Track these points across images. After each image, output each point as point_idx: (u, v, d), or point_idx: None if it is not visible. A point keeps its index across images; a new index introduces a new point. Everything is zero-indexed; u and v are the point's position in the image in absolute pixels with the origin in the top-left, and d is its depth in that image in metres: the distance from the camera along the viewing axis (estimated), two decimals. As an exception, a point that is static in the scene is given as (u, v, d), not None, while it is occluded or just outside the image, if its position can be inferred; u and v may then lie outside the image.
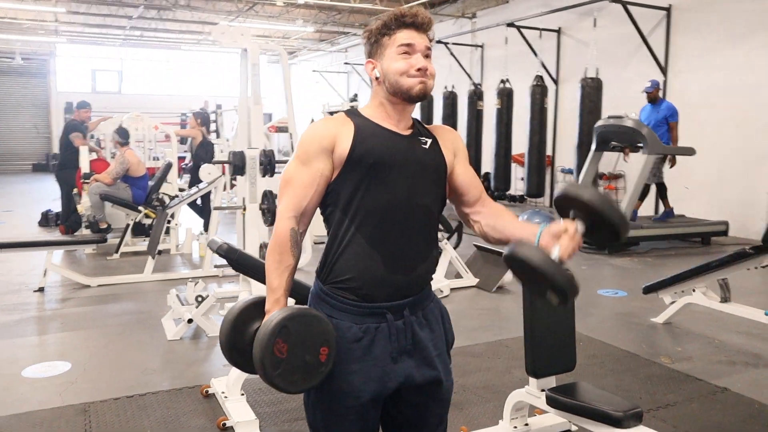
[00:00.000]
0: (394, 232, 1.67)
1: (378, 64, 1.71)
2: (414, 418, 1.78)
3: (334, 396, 1.67)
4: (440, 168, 1.75)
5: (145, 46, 22.86)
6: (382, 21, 1.70)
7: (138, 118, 8.43)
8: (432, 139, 1.77)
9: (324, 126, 1.71)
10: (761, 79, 8.37)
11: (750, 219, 8.52)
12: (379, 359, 1.67)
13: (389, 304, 1.67)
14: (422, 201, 1.71)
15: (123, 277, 6.12)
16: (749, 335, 4.60)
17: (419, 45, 1.68)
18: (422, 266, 1.72)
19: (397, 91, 1.68)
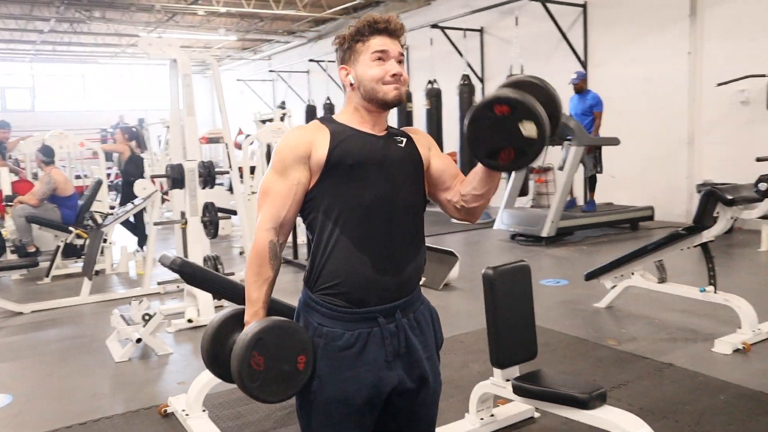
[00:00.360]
0: (379, 232, 1.66)
1: (352, 71, 1.72)
2: (406, 424, 1.78)
3: (328, 404, 1.66)
4: (417, 163, 1.77)
5: (58, 60, 21.98)
6: (355, 28, 1.71)
7: (62, 136, 8.08)
8: (407, 138, 1.79)
9: (298, 134, 1.71)
10: (672, 69, 8.83)
11: (673, 202, 8.96)
12: (372, 365, 1.66)
13: (380, 307, 1.67)
14: (404, 198, 1.71)
15: (58, 301, 5.85)
16: (687, 312, 4.84)
17: (393, 51, 1.70)
18: (411, 266, 1.72)
19: (373, 98, 1.69)
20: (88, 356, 4.49)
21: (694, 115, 8.74)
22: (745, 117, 8.20)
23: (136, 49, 19.28)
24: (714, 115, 8.54)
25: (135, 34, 16.77)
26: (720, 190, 4.26)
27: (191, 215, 5.25)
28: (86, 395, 3.77)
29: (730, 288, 4.58)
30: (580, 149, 7.81)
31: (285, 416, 3.32)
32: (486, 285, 2.77)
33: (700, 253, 4.54)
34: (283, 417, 3.32)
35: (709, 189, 4.31)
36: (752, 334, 4.13)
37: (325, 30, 16.77)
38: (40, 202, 6.84)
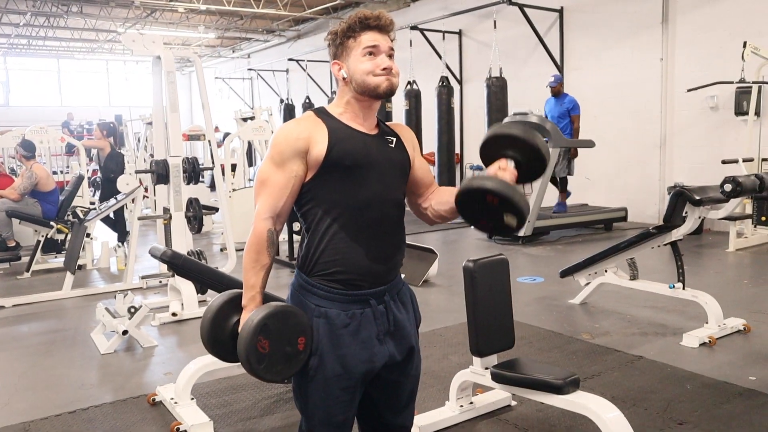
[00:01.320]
0: (373, 226, 1.78)
1: (344, 65, 1.80)
2: (389, 394, 1.91)
3: (328, 379, 1.77)
4: (405, 164, 1.90)
5: (33, 54, 21.70)
6: (347, 24, 1.79)
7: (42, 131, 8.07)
8: (396, 137, 1.89)
9: (297, 128, 1.77)
10: (645, 74, 9.08)
11: (645, 204, 9.22)
12: (366, 341, 1.79)
13: (372, 290, 1.80)
14: (394, 195, 1.85)
15: (40, 296, 5.87)
16: (656, 308, 5.03)
17: (383, 46, 1.78)
18: (398, 254, 1.87)
19: (365, 90, 1.77)
20: (73, 348, 4.54)
21: (666, 119, 9.00)
22: (714, 122, 8.47)
23: (114, 44, 19.17)
24: (685, 120, 8.81)
25: (113, 30, 16.70)
26: (688, 190, 4.45)
27: (175, 210, 5.32)
28: (74, 385, 3.84)
29: (698, 285, 4.79)
30: (557, 150, 8.00)
31: (271, 404, 3.43)
32: (466, 277, 2.91)
33: (670, 253, 4.73)
34: (270, 405, 3.42)
35: (678, 189, 4.50)
36: (718, 328, 4.32)
37: (305, 29, 16.84)
38: (21, 196, 6.84)
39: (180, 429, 3.10)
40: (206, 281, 3.43)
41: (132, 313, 4.39)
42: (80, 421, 3.31)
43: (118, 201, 6.60)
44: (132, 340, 4.52)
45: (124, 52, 20.48)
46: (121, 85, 23.93)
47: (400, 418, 1.96)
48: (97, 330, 4.70)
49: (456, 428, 3.12)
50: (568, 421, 3.10)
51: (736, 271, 6.48)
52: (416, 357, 1.93)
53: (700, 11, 8.48)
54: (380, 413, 1.94)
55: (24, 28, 16.29)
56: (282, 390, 3.58)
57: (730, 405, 3.29)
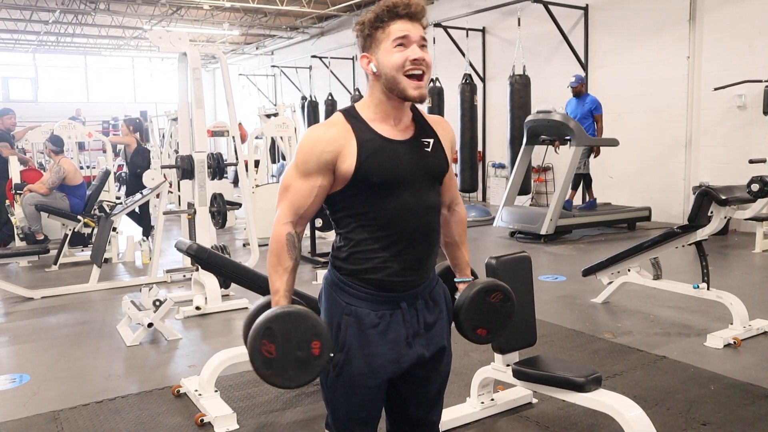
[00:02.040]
0: (407, 236, 1.74)
1: (373, 58, 1.70)
2: (418, 390, 1.90)
3: (354, 377, 1.77)
4: (443, 167, 1.83)
5: (61, 51, 22.05)
6: (374, 13, 1.68)
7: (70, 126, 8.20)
8: (434, 138, 1.80)
9: (325, 136, 1.70)
10: (671, 72, 8.98)
11: (669, 203, 9.12)
12: (394, 343, 1.77)
13: (404, 293, 1.78)
14: (429, 202, 1.78)
15: (67, 288, 5.99)
16: (680, 309, 4.99)
17: (414, 36, 1.67)
18: (432, 258, 1.83)
19: (394, 89, 1.68)
20: (100, 340, 4.62)
21: (692, 118, 8.89)
22: (741, 121, 8.35)
23: (140, 41, 19.40)
24: (711, 119, 8.69)
25: (139, 27, 16.90)
26: (714, 190, 4.41)
27: (200, 205, 5.38)
28: (100, 376, 3.91)
29: (723, 286, 4.74)
30: (580, 149, 7.96)
31: (294, 398, 3.47)
32: (489, 273, 2.91)
33: (694, 253, 4.69)
34: (292, 399, 3.46)
35: (704, 189, 4.46)
36: (743, 330, 4.27)
37: (329, 26, 16.90)
38: (49, 190, 6.96)
39: (204, 420, 3.15)
40: (230, 275, 3.48)
41: (157, 306, 4.47)
42: (107, 411, 3.38)
43: (144, 196, 6.70)
44: (157, 333, 4.59)
45: (150, 49, 20.72)
46: (147, 81, 24.22)
47: (428, 413, 1.95)
48: (123, 322, 4.79)
49: (477, 425, 3.13)
50: (590, 420, 3.10)
51: (763, 273, 6.39)
52: (447, 355, 1.91)
53: (727, 8, 8.36)
54: (408, 408, 1.93)
55: (53, 25, 16.55)
56: (304, 384, 3.62)
57: (754, 407, 3.26)
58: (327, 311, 1.82)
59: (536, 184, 10.95)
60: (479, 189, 11.93)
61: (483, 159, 12.24)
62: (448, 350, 1.92)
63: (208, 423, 3.15)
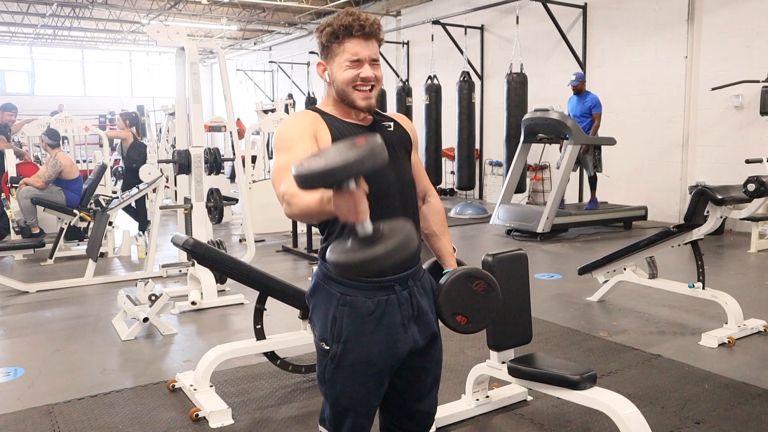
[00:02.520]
0: (391, 211, 1.78)
1: (328, 68, 1.82)
2: (414, 380, 1.93)
3: (353, 365, 1.79)
4: (408, 143, 1.95)
5: (58, 45, 21.97)
6: (332, 28, 1.78)
7: (66, 120, 8.18)
8: (393, 122, 1.93)
9: (300, 119, 1.82)
10: (669, 72, 8.99)
11: (666, 203, 9.15)
12: (391, 328, 1.80)
13: (396, 276, 1.81)
14: (405, 176, 1.88)
15: (63, 282, 5.97)
16: (675, 307, 5.01)
17: (366, 56, 1.78)
18: (418, 237, 1.86)
19: (344, 99, 1.81)
20: (95, 334, 4.62)
21: (690, 117, 8.90)
22: (738, 121, 8.37)
23: (137, 35, 19.34)
24: (709, 119, 8.71)
25: (137, 21, 16.85)
26: (710, 189, 4.42)
27: (196, 200, 5.38)
28: (95, 370, 3.91)
29: (718, 286, 4.75)
30: (576, 148, 7.96)
31: (289, 393, 3.47)
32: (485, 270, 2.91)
33: (690, 252, 4.70)
34: (287, 394, 3.46)
35: (700, 188, 4.47)
36: (738, 329, 4.29)
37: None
38: (45, 184, 6.95)
39: (199, 415, 3.15)
40: (226, 270, 3.48)
41: (153, 300, 4.46)
42: (102, 405, 3.37)
43: (140, 190, 6.68)
44: (152, 328, 4.59)
45: (147, 43, 20.67)
46: (144, 75, 24.16)
47: (424, 405, 1.98)
48: (118, 317, 4.78)
49: (472, 422, 3.14)
50: (585, 417, 3.11)
51: (758, 273, 6.41)
52: (438, 342, 1.95)
53: (726, 9, 8.37)
54: (404, 400, 1.95)
55: (50, 18, 16.49)
56: (300, 379, 3.62)
57: (748, 406, 3.27)
58: (320, 305, 1.84)
59: (533, 182, 10.96)
60: (476, 187, 11.94)
61: (480, 157, 12.25)
62: (439, 337, 1.95)
63: (203, 418, 3.15)
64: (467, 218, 9.92)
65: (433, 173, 11.63)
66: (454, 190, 12.58)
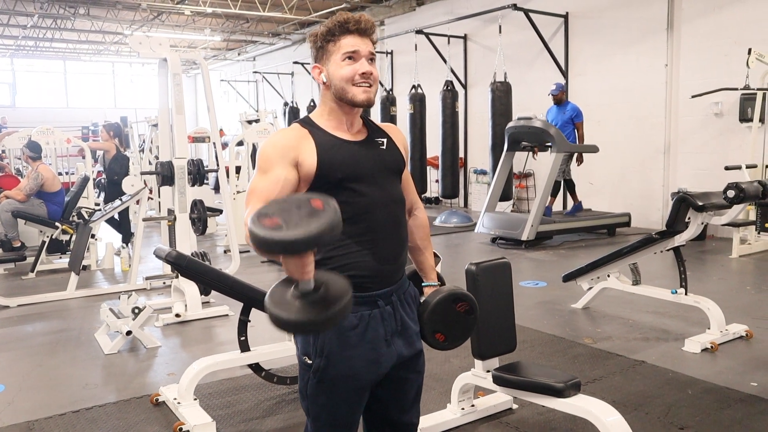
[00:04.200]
0: (378, 230, 1.78)
1: (324, 69, 1.79)
2: (397, 391, 1.91)
3: (335, 381, 1.77)
4: (399, 163, 1.90)
5: (40, 56, 21.80)
6: (327, 27, 1.77)
7: (48, 132, 8.11)
8: (386, 138, 1.89)
9: (283, 138, 1.77)
10: (650, 80, 9.09)
11: (649, 210, 9.22)
12: (374, 343, 1.79)
13: (380, 292, 1.80)
14: (393, 196, 1.85)
15: (45, 296, 5.91)
16: (658, 314, 5.04)
17: (363, 51, 1.76)
18: (403, 253, 1.88)
19: (343, 98, 1.76)
20: (77, 348, 4.57)
21: (671, 125, 9.00)
22: (718, 128, 8.47)
23: (120, 46, 19.26)
24: (689, 126, 8.81)
25: (119, 32, 16.76)
26: (691, 196, 4.46)
27: (180, 212, 5.35)
28: (77, 385, 3.86)
29: (700, 291, 4.79)
30: (560, 156, 8.02)
31: (274, 405, 3.45)
32: (469, 280, 2.92)
33: (673, 259, 4.74)
34: (272, 406, 3.44)
35: (681, 195, 4.51)
36: (720, 334, 4.33)
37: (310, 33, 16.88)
38: (27, 197, 6.87)
39: (183, 429, 3.12)
40: (210, 282, 3.46)
41: (136, 313, 4.42)
42: (84, 420, 3.33)
43: (123, 202, 6.64)
44: (136, 341, 4.54)
45: (130, 54, 20.57)
46: (127, 87, 24.03)
47: (408, 416, 1.96)
48: (101, 330, 4.73)
49: (457, 431, 3.13)
50: (569, 425, 3.11)
51: (739, 278, 6.47)
52: (422, 354, 1.95)
53: (705, 18, 8.48)
54: (388, 412, 1.93)
55: (31, 29, 16.37)
56: (285, 391, 3.60)
57: (731, 410, 3.30)
58: None
59: (517, 190, 11.01)
60: (461, 195, 11.98)
61: (464, 165, 12.29)
62: (423, 354, 1.95)
63: (187, 431, 3.12)
64: (452, 227, 9.95)
65: (417, 182, 11.64)
66: (438, 198, 12.60)
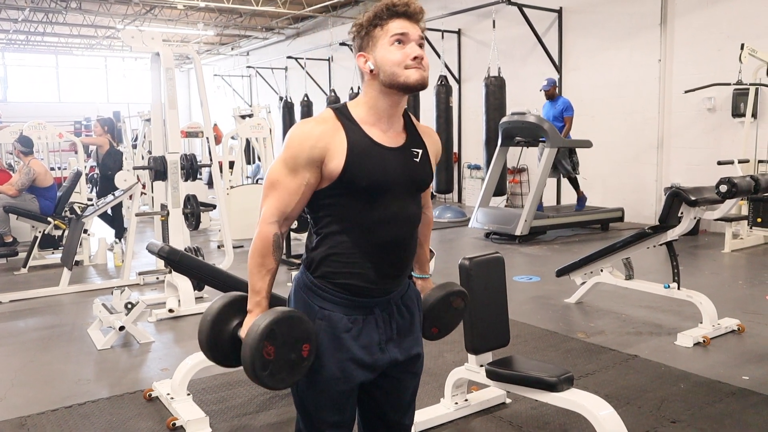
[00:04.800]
0: (386, 246, 1.73)
1: (371, 57, 1.67)
2: (394, 394, 1.89)
3: (327, 382, 1.75)
4: (428, 179, 1.82)
5: (31, 50, 21.67)
6: (373, 12, 1.67)
7: (40, 127, 8.06)
8: (422, 149, 1.79)
9: (315, 132, 1.66)
10: (643, 75, 9.11)
11: (642, 204, 9.25)
12: (367, 347, 1.75)
13: (378, 299, 1.77)
14: (411, 214, 1.78)
15: (37, 291, 5.88)
16: (651, 308, 5.06)
17: (413, 34, 1.66)
18: (408, 268, 1.83)
19: (394, 83, 1.65)
20: (70, 344, 4.55)
21: (663, 120, 9.02)
22: (711, 123, 8.50)
23: (113, 41, 19.16)
24: (682, 121, 8.83)
25: (112, 27, 16.69)
26: (684, 191, 4.47)
27: (173, 207, 5.33)
28: (70, 381, 3.85)
29: (693, 286, 4.82)
30: (553, 151, 8.03)
31: (267, 401, 3.44)
32: (462, 274, 2.92)
33: (665, 253, 4.75)
34: (265, 401, 3.44)
35: (674, 190, 4.52)
36: (712, 328, 4.34)
37: (304, 27, 16.85)
38: (18, 192, 6.83)
39: (176, 424, 3.12)
40: (203, 277, 3.45)
41: (129, 309, 4.40)
42: (76, 416, 3.32)
43: (116, 197, 6.61)
44: (129, 336, 4.53)
45: (122, 49, 20.46)
46: (119, 81, 23.92)
47: (403, 417, 1.94)
48: (94, 326, 4.71)
49: (451, 425, 3.14)
50: (562, 419, 3.12)
51: (732, 272, 6.50)
52: (421, 359, 1.91)
53: (698, 13, 8.50)
54: (384, 412, 1.91)
55: (22, 23, 16.27)
56: (278, 386, 3.59)
57: (722, 404, 3.31)
58: None
59: (511, 185, 11.02)
60: (455, 190, 11.98)
61: (458, 160, 12.29)
62: (421, 357, 1.91)
63: (180, 427, 3.11)
64: (446, 222, 9.95)
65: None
66: (433, 194, 12.59)
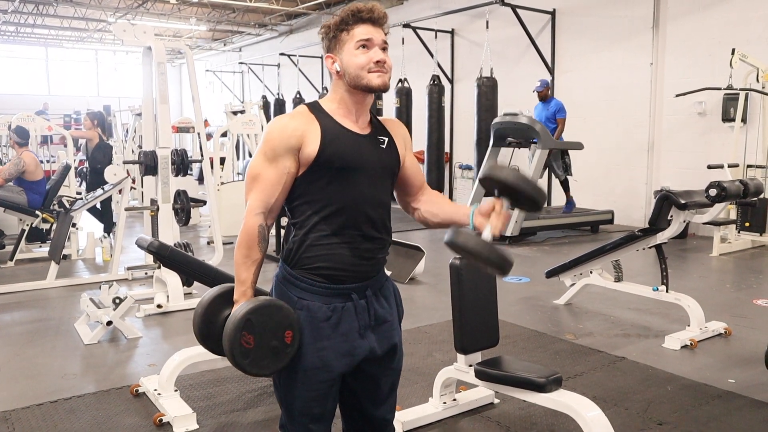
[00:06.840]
0: (359, 226, 1.79)
1: (338, 59, 1.79)
2: (370, 386, 1.92)
3: (307, 372, 1.78)
4: (396, 166, 1.90)
5: (21, 42, 21.49)
6: (340, 17, 1.78)
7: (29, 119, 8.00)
8: (388, 137, 1.89)
9: (291, 123, 1.76)
10: (636, 78, 9.14)
11: (632, 207, 9.29)
12: (347, 335, 1.80)
13: (354, 285, 1.81)
14: (381, 197, 1.85)
15: (23, 285, 5.83)
16: (640, 310, 5.08)
17: (377, 39, 1.77)
18: (381, 253, 1.88)
19: (358, 85, 1.77)
20: (57, 338, 4.51)
21: (654, 123, 9.07)
22: (701, 127, 8.54)
23: (104, 34, 19.03)
24: (673, 125, 8.87)
25: (103, 20, 16.57)
26: (674, 194, 4.50)
27: (163, 202, 5.30)
28: (56, 375, 3.82)
29: (681, 289, 4.84)
30: (545, 152, 8.03)
31: (255, 397, 3.43)
32: (453, 274, 2.92)
33: (654, 256, 4.78)
34: (253, 398, 3.42)
35: (664, 193, 4.55)
36: (699, 331, 4.37)
37: (297, 24, 16.80)
38: (4, 181, 6.72)
39: (163, 420, 3.10)
40: (193, 273, 3.43)
41: (117, 304, 4.38)
42: (62, 410, 3.30)
43: (105, 191, 6.56)
44: (116, 331, 4.50)
45: (113, 42, 20.34)
46: (110, 75, 23.76)
47: (381, 411, 1.97)
48: (81, 320, 4.68)
49: (439, 425, 3.14)
50: (550, 420, 3.13)
51: (719, 276, 6.54)
52: (398, 352, 1.95)
53: (690, 18, 8.54)
54: (361, 405, 1.95)
55: (12, 15, 16.12)
56: (265, 383, 3.58)
57: (709, 406, 3.33)
58: None
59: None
60: (446, 190, 11.98)
61: (450, 160, 12.30)
62: (400, 348, 1.95)
63: (167, 423, 3.09)
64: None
65: (403, 176, 11.63)
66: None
